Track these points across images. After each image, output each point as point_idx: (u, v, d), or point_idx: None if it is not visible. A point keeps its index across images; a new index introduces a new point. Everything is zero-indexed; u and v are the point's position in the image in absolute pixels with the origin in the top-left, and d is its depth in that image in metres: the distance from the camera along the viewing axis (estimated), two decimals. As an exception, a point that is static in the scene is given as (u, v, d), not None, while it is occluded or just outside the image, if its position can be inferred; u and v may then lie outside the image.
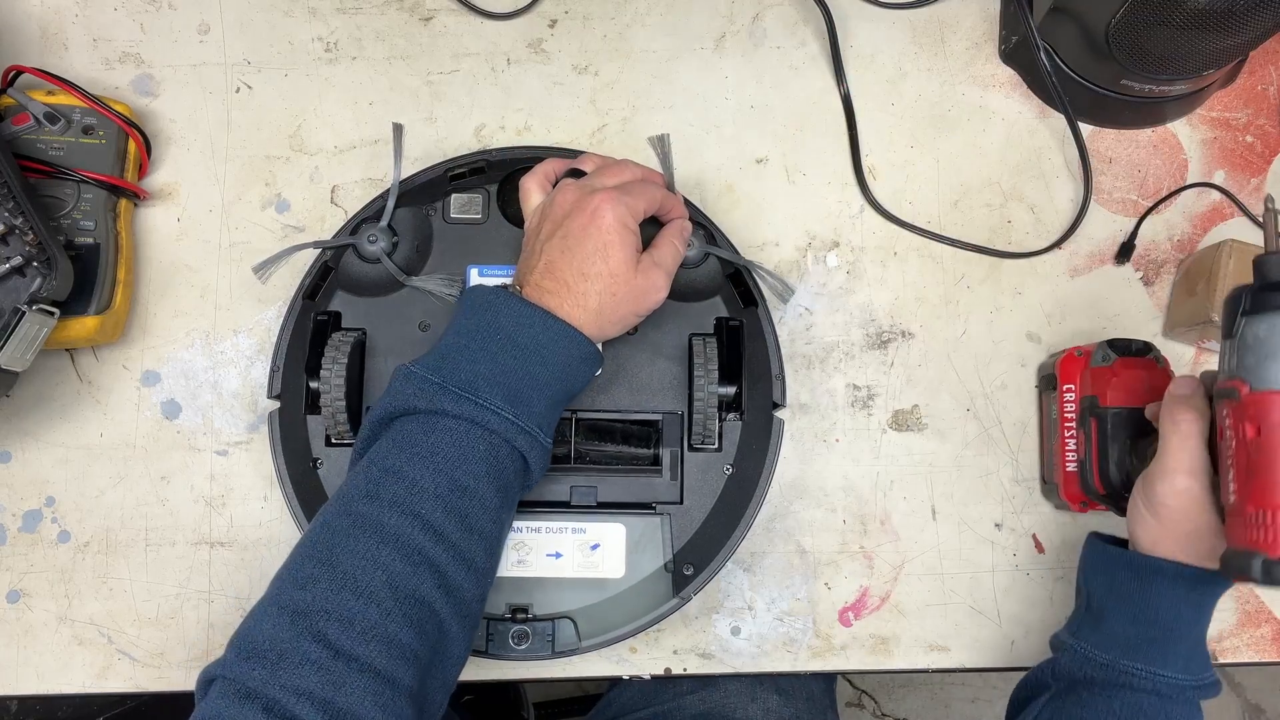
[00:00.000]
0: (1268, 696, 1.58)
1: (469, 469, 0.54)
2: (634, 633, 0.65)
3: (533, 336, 0.56)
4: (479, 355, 0.56)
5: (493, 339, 0.56)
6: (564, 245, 0.58)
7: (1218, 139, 0.77)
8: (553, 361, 0.57)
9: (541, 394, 0.56)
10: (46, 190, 0.68)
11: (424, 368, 0.56)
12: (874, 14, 0.78)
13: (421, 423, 0.54)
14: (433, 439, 0.54)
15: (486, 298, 0.58)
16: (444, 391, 0.54)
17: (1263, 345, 0.50)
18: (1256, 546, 0.49)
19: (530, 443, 0.56)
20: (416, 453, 0.53)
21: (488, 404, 0.54)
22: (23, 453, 0.71)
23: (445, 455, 0.53)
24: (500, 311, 0.57)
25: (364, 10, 0.77)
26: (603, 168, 0.63)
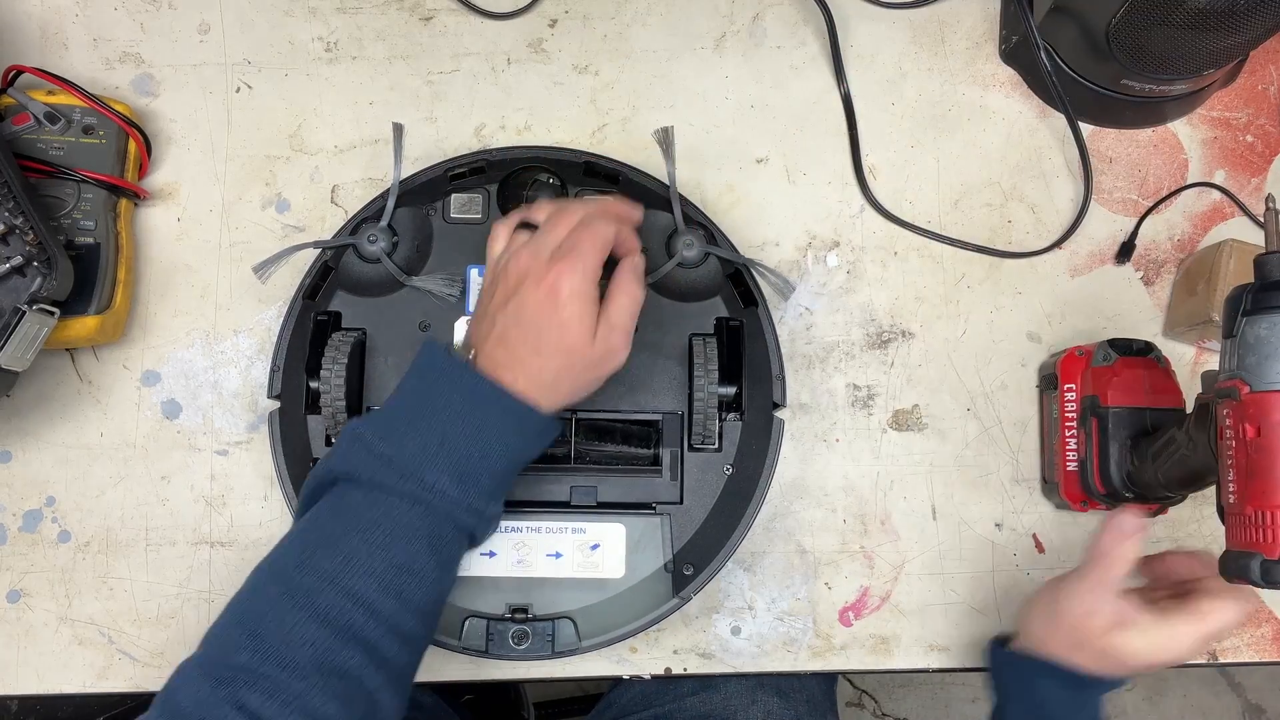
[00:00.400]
0: (1268, 696, 1.58)
1: (408, 547, 0.53)
2: (634, 633, 0.65)
3: (484, 413, 0.55)
4: (427, 428, 0.54)
5: (443, 411, 0.54)
6: (519, 318, 0.56)
7: (1218, 139, 0.77)
8: (505, 438, 0.55)
9: (491, 470, 0.55)
10: (46, 190, 0.68)
11: (373, 431, 0.54)
12: (874, 14, 0.78)
13: (365, 494, 0.53)
14: (374, 513, 0.53)
15: (441, 363, 0.56)
16: (389, 466, 0.53)
17: (1263, 345, 0.50)
18: (1255, 548, 0.49)
19: (476, 519, 0.55)
20: (356, 525, 0.52)
21: (434, 484, 0.53)
22: (23, 453, 0.71)
23: (385, 530, 0.52)
24: (453, 383, 0.55)
25: (364, 10, 0.77)
26: (553, 217, 0.59)
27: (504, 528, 0.65)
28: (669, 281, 0.68)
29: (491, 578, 0.65)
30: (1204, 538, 0.71)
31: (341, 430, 0.56)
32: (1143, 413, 0.64)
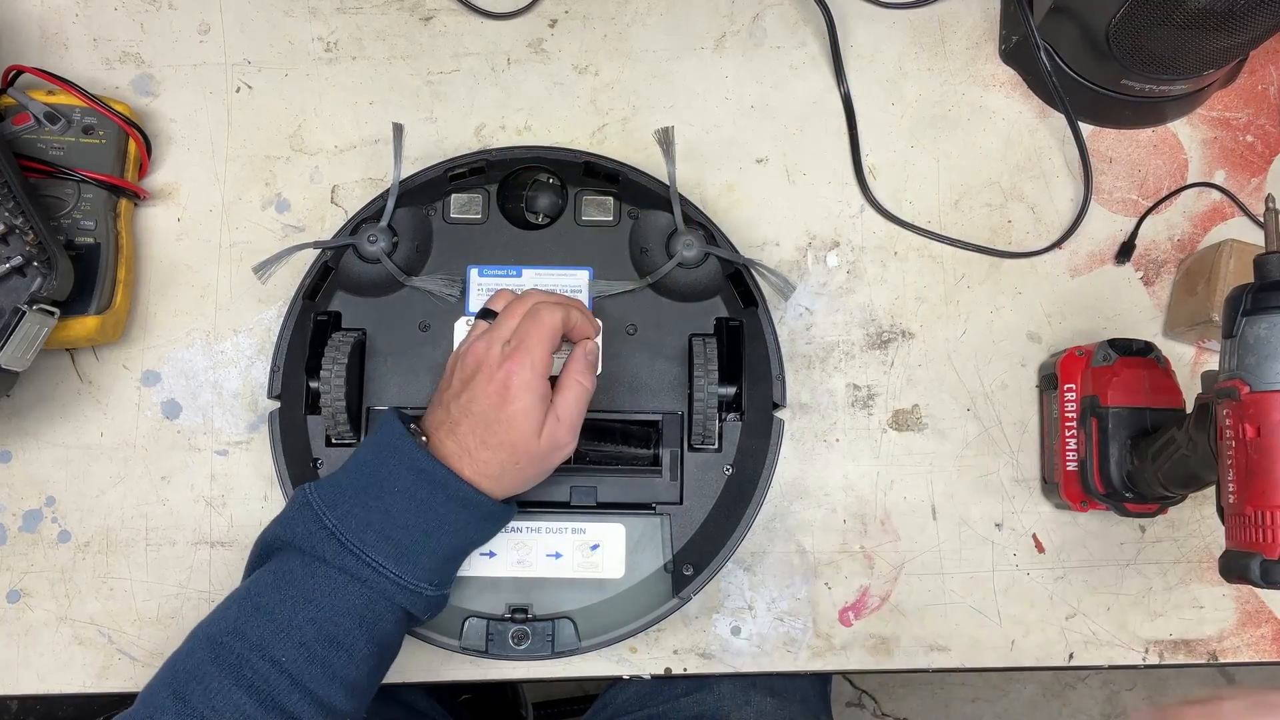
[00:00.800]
0: (1268, 696, 1.57)
1: (341, 622, 0.53)
2: (634, 633, 0.65)
3: (430, 495, 0.55)
4: (373, 503, 0.55)
5: (390, 489, 0.55)
6: (469, 410, 0.57)
7: (1218, 139, 0.77)
8: (450, 522, 0.56)
9: (434, 552, 0.56)
10: (47, 190, 0.68)
11: (321, 499, 0.55)
12: (874, 14, 0.78)
13: (304, 564, 0.54)
14: (310, 584, 0.53)
15: (395, 440, 0.56)
16: (330, 539, 0.54)
17: (1263, 345, 0.50)
18: (1255, 548, 0.49)
19: (413, 599, 0.55)
20: (291, 594, 0.53)
21: (371, 561, 0.53)
22: (23, 453, 0.71)
23: (319, 604, 0.53)
24: (404, 462, 0.56)
25: (364, 10, 0.77)
26: (509, 306, 0.60)
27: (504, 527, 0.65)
28: (669, 281, 0.68)
29: (491, 578, 0.65)
30: (1204, 537, 0.71)
31: (293, 493, 0.57)
32: (1143, 413, 0.64)
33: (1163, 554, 0.71)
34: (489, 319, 0.61)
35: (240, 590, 0.55)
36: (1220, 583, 0.71)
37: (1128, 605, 0.70)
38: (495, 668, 0.67)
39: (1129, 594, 0.71)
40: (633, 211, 0.70)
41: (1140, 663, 0.70)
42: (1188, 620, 0.71)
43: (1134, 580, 0.71)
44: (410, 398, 0.67)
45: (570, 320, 0.60)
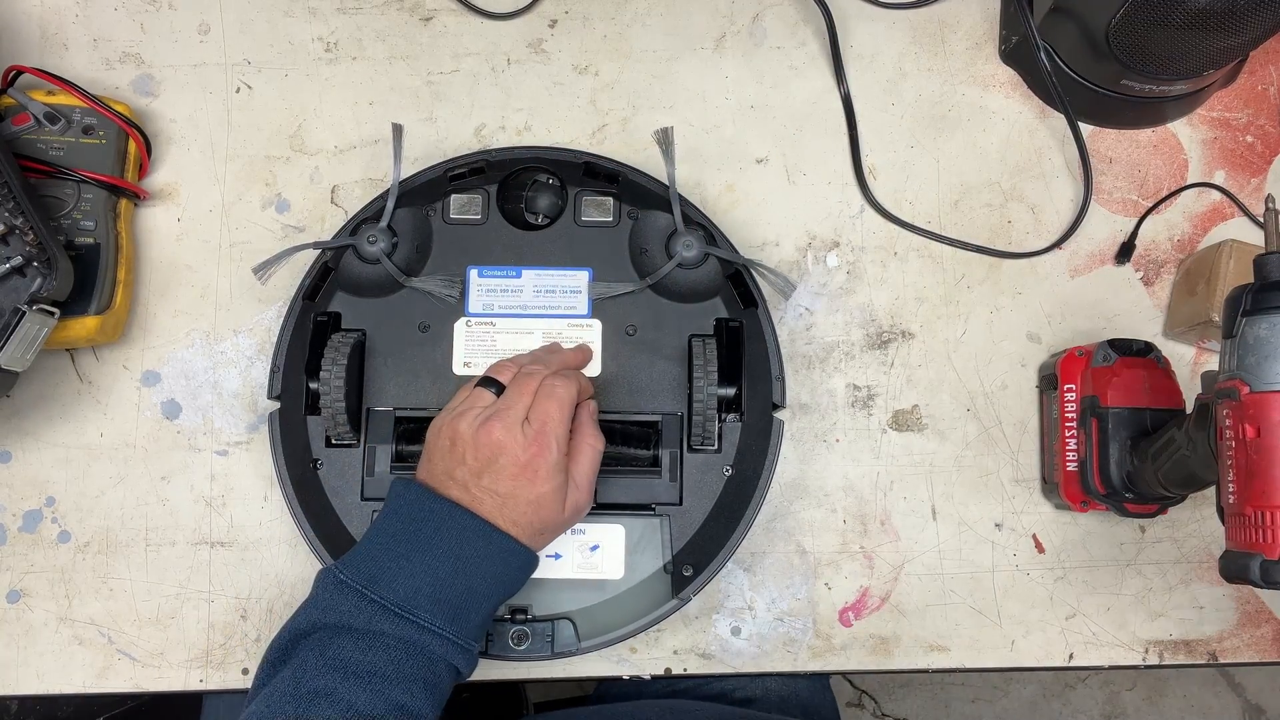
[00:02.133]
0: (1268, 696, 1.58)
1: (408, 688, 0.52)
2: (633, 633, 0.65)
3: (476, 550, 0.55)
4: (418, 569, 0.54)
5: (432, 550, 0.55)
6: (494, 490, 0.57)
7: (1218, 139, 0.77)
8: (494, 575, 0.56)
9: (480, 608, 0.56)
10: (46, 190, 0.68)
11: (356, 578, 0.54)
12: (874, 14, 0.78)
13: (355, 641, 0.52)
14: (370, 658, 0.52)
15: (425, 504, 0.56)
16: (383, 612, 0.53)
17: (1263, 345, 0.50)
18: (1255, 548, 0.49)
19: (467, 658, 0.55)
20: (351, 673, 0.52)
21: (429, 625, 0.53)
22: (23, 453, 0.71)
23: (383, 676, 0.52)
24: (446, 521, 0.56)
25: (364, 10, 0.77)
26: (516, 382, 0.60)
27: None
28: (669, 282, 0.68)
29: (491, 578, 0.65)
30: (1204, 538, 0.71)
31: (316, 578, 0.56)
32: (1143, 413, 0.64)
33: (1163, 554, 0.71)
34: (490, 388, 0.60)
35: (281, 684, 0.52)
36: (1220, 583, 0.71)
37: (1128, 605, 0.70)
38: (495, 668, 0.67)
39: (1129, 594, 0.71)
40: (632, 212, 0.70)
41: (1140, 663, 0.70)
42: (1188, 620, 0.70)
43: (1134, 580, 0.71)
44: (409, 398, 0.67)
45: (581, 385, 0.61)
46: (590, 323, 0.69)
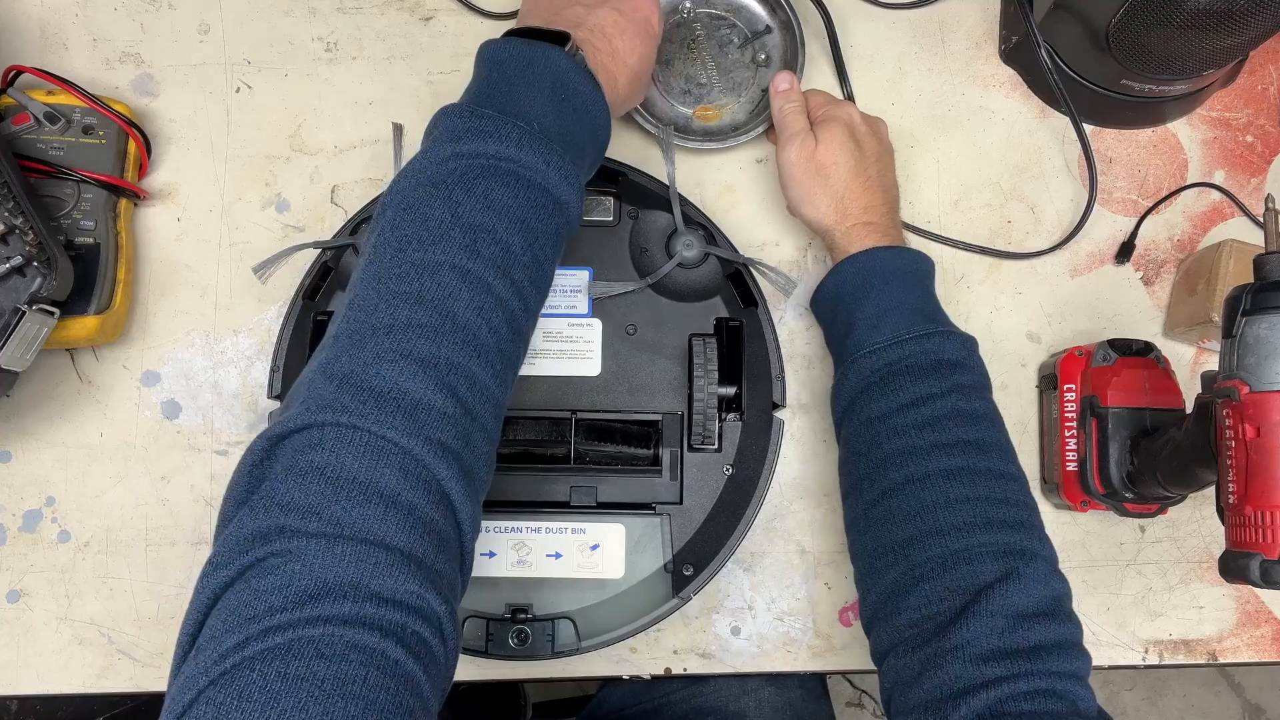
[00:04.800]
0: (1268, 696, 1.58)
1: (542, 240, 0.52)
2: (634, 633, 0.65)
3: (585, 98, 0.55)
4: (546, 108, 0.53)
5: (556, 95, 0.53)
6: (618, 19, 0.58)
7: (1218, 139, 0.77)
8: (599, 124, 0.56)
9: (592, 156, 0.57)
10: (46, 190, 0.68)
11: (486, 105, 0.53)
12: (874, 14, 0.78)
13: (503, 178, 0.50)
14: (510, 196, 0.50)
15: (542, 53, 0.54)
16: (533, 140, 0.51)
17: (1263, 345, 0.50)
18: (1255, 548, 0.49)
19: (578, 197, 0.54)
20: (498, 212, 0.50)
21: (557, 163, 0.52)
22: (23, 453, 0.71)
23: (528, 224, 0.50)
24: (545, 63, 0.53)
25: (364, 10, 0.77)
26: None
27: (504, 528, 0.65)
28: (669, 282, 0.68)
29: (491, 578, 0.65)
30: (1204, 537, 0.71)
31: (432, 118, 0.54)
32: (1142, 413, 0.64)
33: (1163, 554, 0.71)
34: None
35: (436, 206, 0.50)
36: (1220, 583, 0.71)
37: (1128, 605, 0.71)
38: (495, 667, 0.67)
39: (1129, 594, 0.71)
40: (633, 211, 0.70)
41: (1140, 663, 0.70)
42: (1188, 620, 0.71)
43: (1134, 580, 0.71)
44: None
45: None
46: (590, 322, 0.69)
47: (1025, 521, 0.55)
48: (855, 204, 0.65)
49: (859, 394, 0.60)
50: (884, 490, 0.57)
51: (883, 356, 0.59)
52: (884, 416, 0.58)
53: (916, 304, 0.62)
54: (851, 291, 0.62)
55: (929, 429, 0.57)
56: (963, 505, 0.54)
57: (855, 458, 0.60)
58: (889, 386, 0.58)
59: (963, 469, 0.55)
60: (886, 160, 0.68)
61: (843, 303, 0.63)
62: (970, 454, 0.56)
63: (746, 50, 0.76)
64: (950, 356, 0.59)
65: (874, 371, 0.59)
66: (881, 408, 0.58)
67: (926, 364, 0.58)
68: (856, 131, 0.67)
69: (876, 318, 0.61)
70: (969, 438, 0.56)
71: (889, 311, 0.61)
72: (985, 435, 0.57)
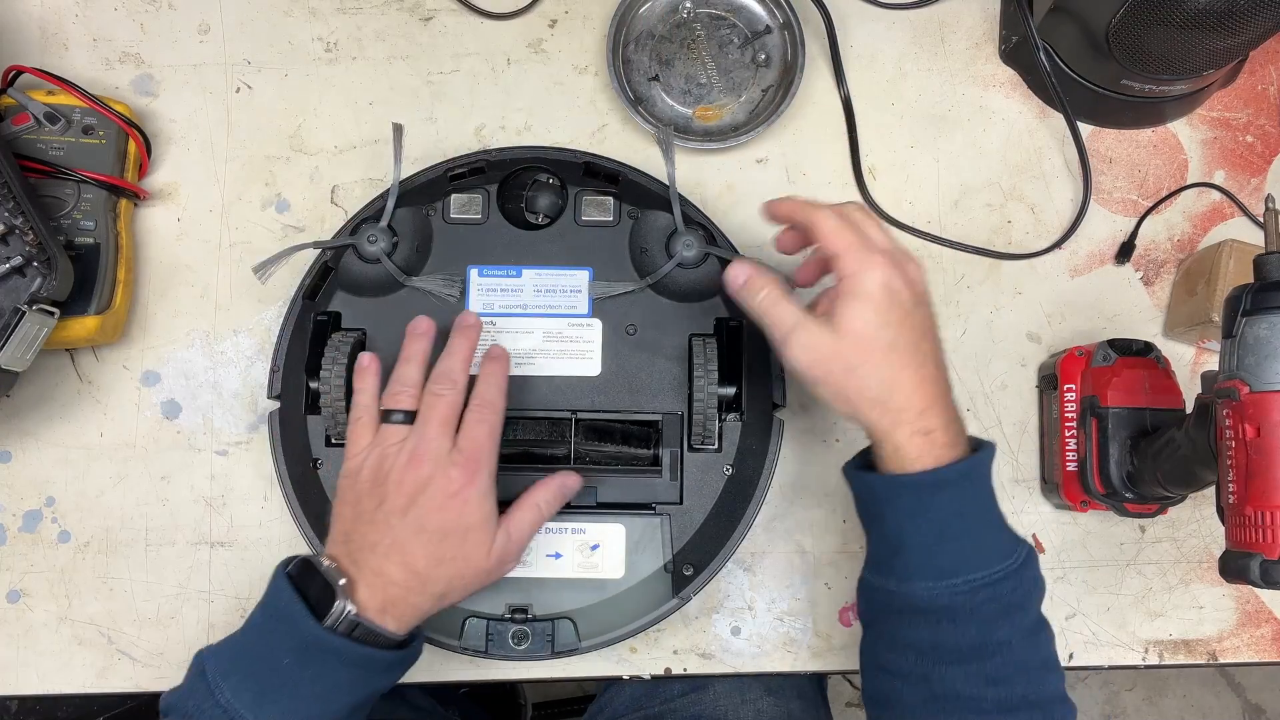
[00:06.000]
0: (1268, 696, 1.58)
1: None
2: (633, 633, 0.65)
3: (322, 666, 0.52)
4: (266, 674, 0.52)
5: (280, 660, 0.52)
6: (422, 526, 0.55)
7: (1218, 139, 0.77)
8: (346, 685, 0.53)
9: (334, 715, 0.54)
10: (46, 190, 0.68)
11: (216, 669, 0.53)
12: (874, 14, 0.78)
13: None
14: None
15: (282, 607, 0.53)
16: (225, 715, 0.51)
17: (1263, 345, 0.50)
18: (1255, 548, 0.49)
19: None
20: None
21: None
22: (23, 453, 0.71)
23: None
24: (291, 634, 0.52)
25: (364, 10, 0.77)
26: (429, 407, 0.58)
27: None
28: (669, 282, 0.68)
29: (491, 578, 0.65)
30: (1204, 537, 0.71)
31: (194, 657, 0.55)
32: (1142, 413, 0.64)
33: (1163, 554, 0.71)
34: (397, 419, 0.58)
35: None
36: (1220, 583, 0.71)
37: (1128, 605, 0.71)
38: (495, 668, 0.67)
39: (1129, 594, 0.71)
40: (633, 212, 0.70)
41: (1140, 663, 0.70)
42: (1188, 620, 0.71)
43: (1134, 580, 0.71)
44: (410, 398, 0.67)
45: (503, 377, 0.60)
46: (590, 322, 0.69)
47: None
48: (908, 406, 0.53)
49: (904, 615, 0.54)
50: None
51: (944, 600, 0.52)
52: (942, 660, 0.52)
53: (983, 531, 0.54)
54: (906, 509, 0.53)
55: (995, 686, 0.52)
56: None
57: (891, 675, 0.55)
58: (949, 629, 0.52)
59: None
60: (931, 325, 0.56)
61: (890, 511, 0.54)
62: (1035, 715, 0.53)
63: (746, 50, 0.76)
64: (1019, 598, 0.53)
65: (932, 610, 0.52)
66: (938, 645, 0.53)
67: (996, 611, 0.52)
68: (895, 301, 0.54)
69: (935, 549, 0.53)
70: (1036, 696, 0.53)
71: (951, 543, 0.53)
72: (1047, 687, 0.54)
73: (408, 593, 0.55)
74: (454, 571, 0.56)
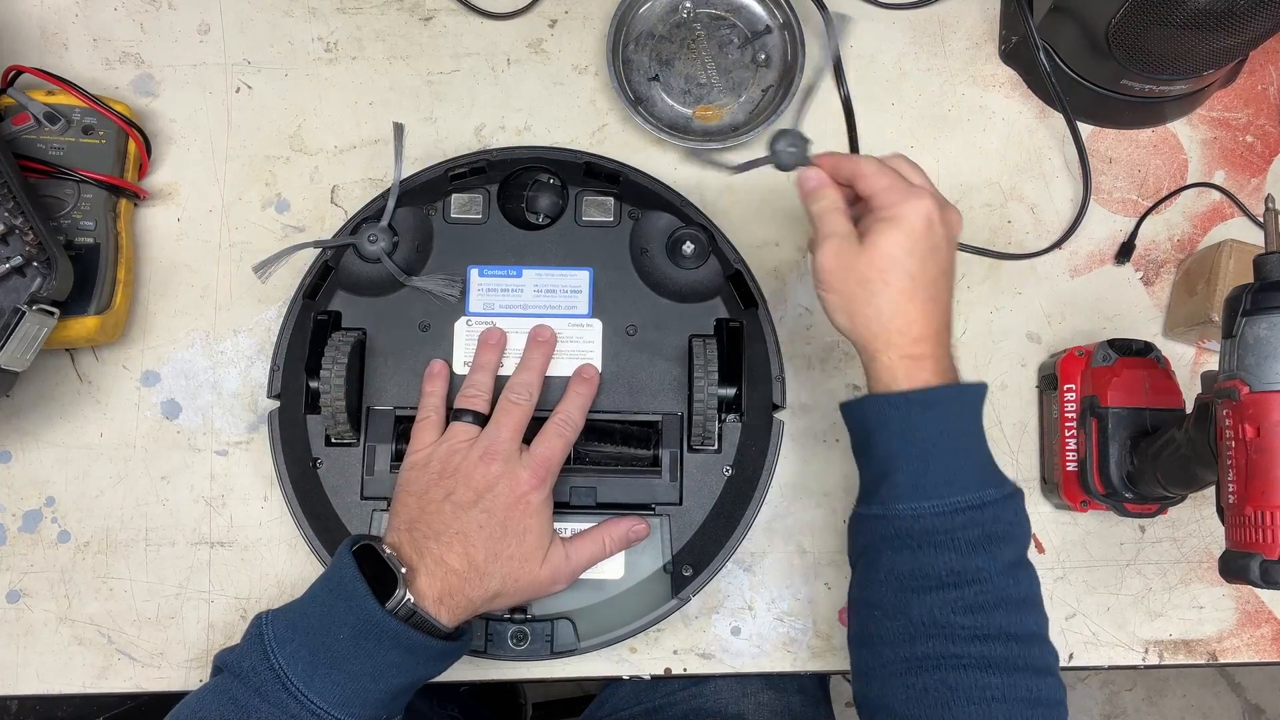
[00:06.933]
0: (1268, 696, 1.58)
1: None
2: (633, 633, 0.65)
3: (378, 646, 0.53)
4: (320, 646, 0.53)
5: (337, 634, 0.53)
6: (490, 514, 0.57)
7: (1218, 139, 0.77)
8: (399, 667, 0.54)
9: (381, 694, 0.54)
10: (46, 190, 0.68)
11: (274, 633, 0.53)
12: (874, 14, 0.78)
13: (248, 697, 0.52)
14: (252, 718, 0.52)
15: (346, 584, 0.54)
16: (275, 681, 0.52)
17: (1263, 345, 0.50)
18: (1255, 548, 0.49)
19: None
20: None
21: (316, 707, 0.52)
22: (23, 453, 0.71)
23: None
24: (351, 610, 0.53)
25: (364, 10, 0.77)
26: (502, 414, 0.61)
27: None
28: (669, 282, 0.68)
29: (491, 578, 0.65)
30: (1204, 537, 0.71)
31: (253, 619, 0.55)
32: (1142, 413, 0.64)
33: (1163, 554, 0.71)
34: (468, 419, 0.62)
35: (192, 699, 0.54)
36: (1220, 583, 0.71)
37: (1128, 605, 0.71)
38: (494, 668, 0.67)
39: (1129, 594, 0.71)
40: (633, 212, 0.70)
41: (1140, 663, 0.70)
42: (1188, 620, 0.71)
43: (1134, 580, 0.71)
44: (410, 397, 0.67)
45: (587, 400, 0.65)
46: (590, 322, 0.69)
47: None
48: (905, 332, 0.54)
49: (888, 544, 0.54)
50: (911, 662, 0.52)
51: (926, 522, 0.53)
52: (918, 587, 0.53)
53: (973, 461, 0.55)
54: (894, 429, 0.54)
55: (971, 614, 0.52)
56: (998, 705, 0.51)
57: (872, 605, 0.55)
58: (927, 554, 0.53)
59: (1002, 663, 0.51)
60: (952, 269, 0.58)
61: (879, 436, 0.55)
62: (1012, 647, 0.52)
63: (746, 50, 0.76)
64: (1001, 529, 0.53)
65: (912, 534, 0.53)
66: (914, 573, 0.53)
67: (975, 539, 0.52)
68: (930, 235, 0.55)
69: (920, 469, 0.53)
70: (1013, 630, 0.52)
71: (935, 464, 0.53)
72: (1027, 623, 0.53)
73: (465, 584, 0.56)
74: (509, 570, 0.57)
